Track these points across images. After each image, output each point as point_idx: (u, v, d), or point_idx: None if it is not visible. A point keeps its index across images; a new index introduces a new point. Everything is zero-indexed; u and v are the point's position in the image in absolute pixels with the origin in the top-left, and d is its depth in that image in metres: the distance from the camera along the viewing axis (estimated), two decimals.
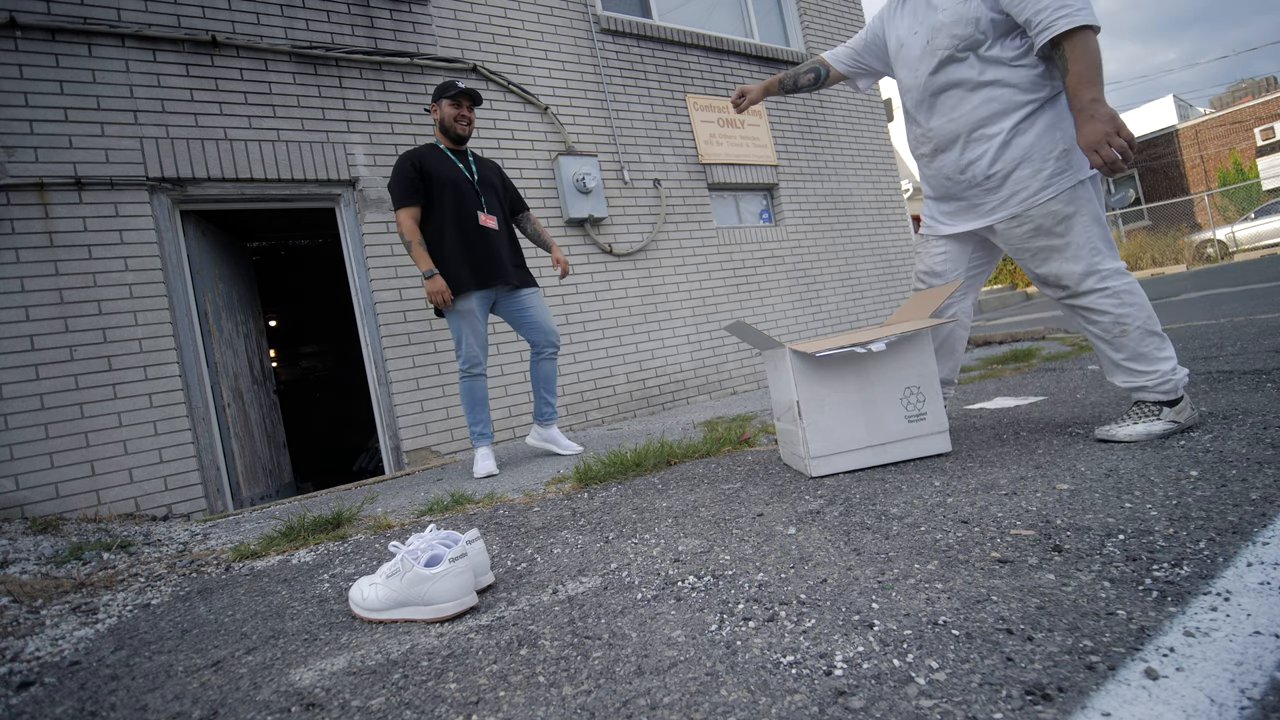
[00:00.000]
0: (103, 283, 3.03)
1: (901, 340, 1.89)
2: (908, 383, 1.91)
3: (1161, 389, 1.75)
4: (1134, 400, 1.82)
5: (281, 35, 3.61)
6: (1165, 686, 0.73)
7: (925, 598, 1.02)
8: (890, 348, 1.89)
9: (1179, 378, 1.76)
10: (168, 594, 1.72)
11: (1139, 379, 1.77)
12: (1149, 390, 1.77)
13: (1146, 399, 1.78)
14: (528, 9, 4.55)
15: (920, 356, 1.92)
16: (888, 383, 1.90)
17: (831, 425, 1.88)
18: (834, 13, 6.65)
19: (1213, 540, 1.08)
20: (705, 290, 5.11)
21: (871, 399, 1.90)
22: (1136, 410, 1.79)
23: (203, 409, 3.25)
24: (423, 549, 1.28)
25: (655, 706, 0.83)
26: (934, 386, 1.92)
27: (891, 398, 1.90)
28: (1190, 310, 5.52)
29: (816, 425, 1.88)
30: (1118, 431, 1.77)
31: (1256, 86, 22.57)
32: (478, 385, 2.93)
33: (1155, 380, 1.75)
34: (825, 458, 1.88)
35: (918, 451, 1.91)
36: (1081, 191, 1.79)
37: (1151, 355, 1.76)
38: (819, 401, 1.88)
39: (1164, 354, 1.76)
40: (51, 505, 2.82)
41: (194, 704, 1.04)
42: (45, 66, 3.02)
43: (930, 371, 1.92)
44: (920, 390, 1.91)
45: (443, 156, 2.90)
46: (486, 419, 2.97)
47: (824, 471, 1.88)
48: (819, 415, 1.88)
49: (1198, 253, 14.51)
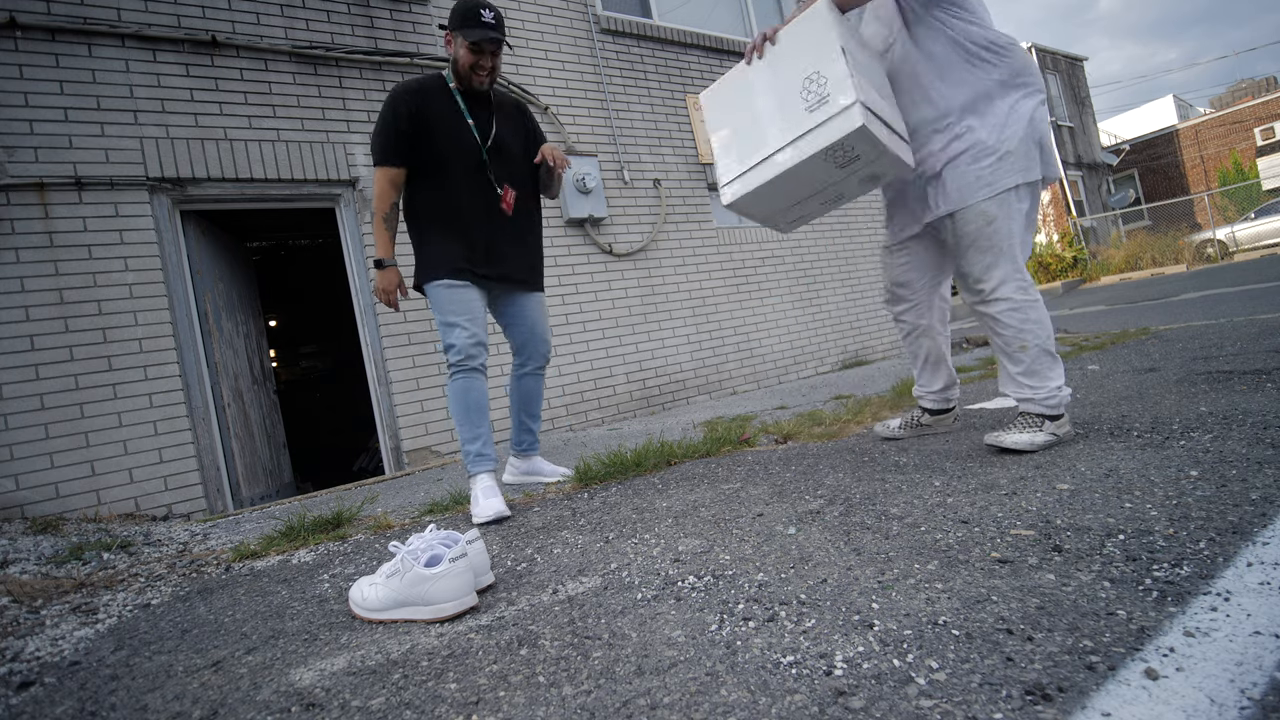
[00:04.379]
0: (103, 283, 3.03)
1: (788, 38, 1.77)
2: (805, 73, 1.72)
3: (1047, 404, 1.84)
4: (1020, 411, 1.91)
5: (281, 35, 3.61)
6: (1165, 686, 0.73)
7: (925, 598, 1.02)
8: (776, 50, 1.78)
9: (1063, 396, 1.85)
10: (168, 594, 1.72)
11: (1029, 393, 1.86)
12: (1035, 404, 1.85)
13: (1031, 411, 1.86)
14: (528, 9, 4.55)
15: (812, 42, 1.72)
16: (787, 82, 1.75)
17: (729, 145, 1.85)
18: None
19: (1213, 540, 1.08)
20: (705, 290, 5.11)
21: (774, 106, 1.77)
22: (1022, 420, 1.87)
23: (203, 409, 3.25)
24: (423, 549, 1.28)
25: (655, 706, 0.83)
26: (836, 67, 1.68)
27: (792, 95, 1.74)
28: (1190, 310, 5.52)
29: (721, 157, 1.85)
30: (1005, 438, 1.84)
31: (1256, 86, 22.57)
32: (473, 385, 2.13)
33: (1043, 395, 1.84)
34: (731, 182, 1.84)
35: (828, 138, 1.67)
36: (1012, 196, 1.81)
37: (1044, 373, 1.84)
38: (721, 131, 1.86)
39: (1055, 373, 1.85)
40: (51, 505, 2.82)
41: (194, 704, 1.04)
42: (45, 66, 3.02)
43: (828, 52, 1.69)
44: (820, 75, 1.69)
45: (451, 105, 2.16)
46: (487, 434, 2.16)
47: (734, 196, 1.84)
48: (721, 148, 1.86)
49: (1198, 253, 14.50)
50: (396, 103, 2.11)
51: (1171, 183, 21.07)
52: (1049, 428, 1.84)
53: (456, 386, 2.14)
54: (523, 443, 2.46)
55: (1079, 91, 19.66)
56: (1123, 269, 14.83)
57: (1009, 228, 1.81)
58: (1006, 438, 1.84)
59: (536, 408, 2.45)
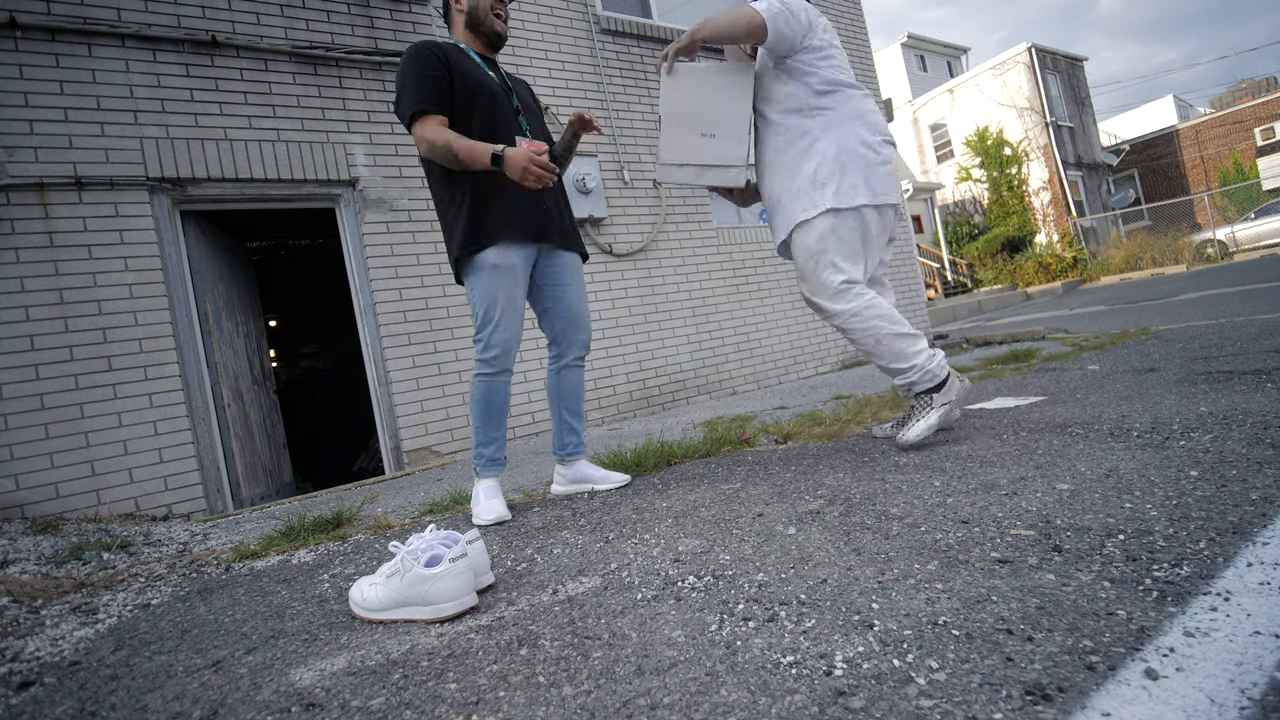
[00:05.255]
0: (103, 283, 3.03)
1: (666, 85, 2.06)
2: None
3: (925, 377, 2.01)
4: (913, 396, 2.06)
5: (281, 35, 3.61)
6: (1165, 686, 0.73)
7: (925, 598, 1.02)
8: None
9: (934, 365, 2.01)
10: (168, 594, 1.72)
11: (905, 376, 2.04)
12: (917, 383, 2.03)
13: (918, 390, 2.04)
14: (528, 9, 4.55)
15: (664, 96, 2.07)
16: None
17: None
18: (834, 13, 6.65)
19: (1213, 540, 1.08)
20: (705, 290, 5.11)
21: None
22: (916, 406, 2.03)
23: (203, 409, 3.25)
24: (423, 549, 1.28)
25: (655, 707, 0.83)
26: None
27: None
28: (1190, 310, 5.52)
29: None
30: (907, 435, 1.99)
31: (1256, 86, 22.58)
32: (498, 388, 2.05)
33: (917, 374, 2.01)
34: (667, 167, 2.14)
35: None
36: (820, 221, 2.03)
37: (906, 352, 2.01)
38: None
39: (916, 348, 2.01)
40: (51, 505, 2.82)
41: (194, 704, 1.04)
42: (45, 66, 3.02)
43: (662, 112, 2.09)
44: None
45: (471, 63, 2.05)
46: (501, 438, 2.10)
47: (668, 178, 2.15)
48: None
49: (1198, 253, 14.50)
50: (422, 53, 1.96)
51: (1171, 183, 21.07)
52: (938, 400, 2.00)
53: (483, 387, 2.03)
54: (566, 446, 2.23)
55: (1079, 91, 19.66)
56: (1123, 269, 14.84)
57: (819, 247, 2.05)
58: (909, 433, 1.99)
59: (579, 404, 2.24)
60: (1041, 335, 5.11)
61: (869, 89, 6.73)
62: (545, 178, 1.84)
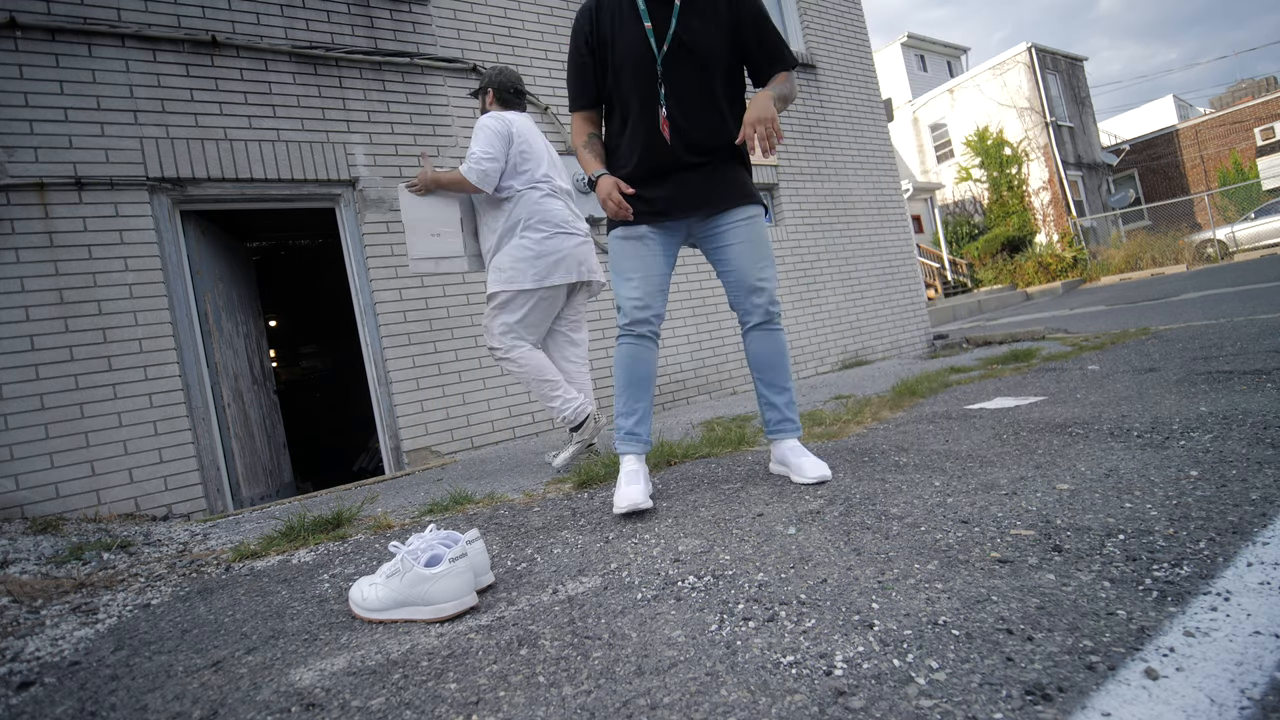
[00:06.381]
0: (103, 283, 3.03)
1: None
2: None
3: (567, 418, 2.61)
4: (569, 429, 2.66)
5: (281, 35, 3.61)
6: (1165, 686, 0.73)
7: (925, 598, 1.02)
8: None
9: (570, 411, 2.59)
10: (168, 594, 1.72)
11: (555, 414, 2.63)
12: (566, 420, 2.62)
13: (567, 425, 2.65)
14: (528, 9, 4.55)
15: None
16: None
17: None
18: (834, 13, 6.65)
19: (1213, 540, 1.08)
20: (705, 290, 5.11)
21: None
22: (569, 438, 2.64)
23: (203, 409, 3.25)
24: (423, 549, 1.28)
25: (655, 706, 0.83)
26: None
27: None
28: (1190, 310, 5.52)
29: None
30: (555, 460, 2.63)
31: (1256, 86, 22.57)
32: (642, 354, 1.92)
33: (557, 414, 2.62)
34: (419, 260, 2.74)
35: None
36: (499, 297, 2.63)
37: (548, 396, 2.60)
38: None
39: (555, 394, 2.59)
40: (51, 505, 2.82)
41: (194, 704, 1.04)
42: (45, 66, 3.02)
43: None
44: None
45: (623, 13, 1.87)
46: (645, 410, 1.94)
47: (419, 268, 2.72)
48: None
49: (1198, 253, 14.50)
50: (573, 27, 1.94)
51: (1171, 183, 21.08)
52: (575, 437, 2.61)
53: (623, 352, 1.93)
54: (769, 422, 1.98)
55: (1079, 91, 19.67)
56: (1123, 269, 14.84)
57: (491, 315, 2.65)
58: (557, 459, 2.62)
59: (774, 374, 1.96)
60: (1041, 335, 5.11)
61: (869, 89, 6.74)
62: (620, 213, 1.88)
